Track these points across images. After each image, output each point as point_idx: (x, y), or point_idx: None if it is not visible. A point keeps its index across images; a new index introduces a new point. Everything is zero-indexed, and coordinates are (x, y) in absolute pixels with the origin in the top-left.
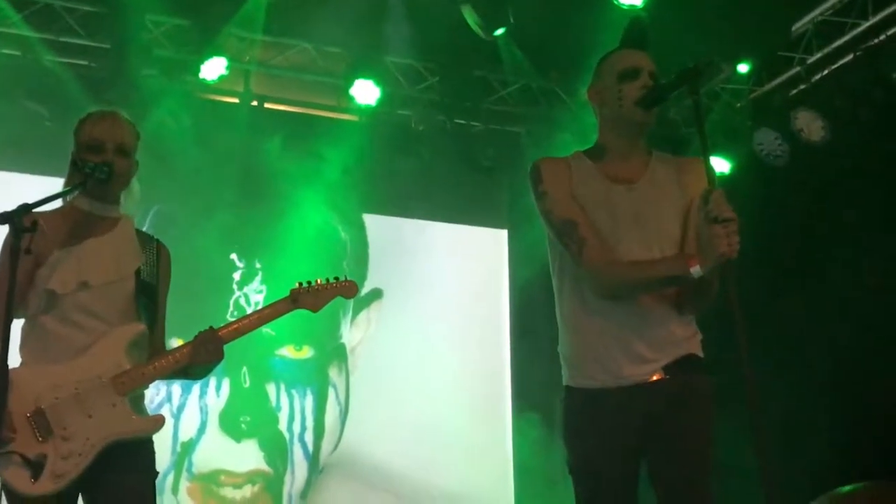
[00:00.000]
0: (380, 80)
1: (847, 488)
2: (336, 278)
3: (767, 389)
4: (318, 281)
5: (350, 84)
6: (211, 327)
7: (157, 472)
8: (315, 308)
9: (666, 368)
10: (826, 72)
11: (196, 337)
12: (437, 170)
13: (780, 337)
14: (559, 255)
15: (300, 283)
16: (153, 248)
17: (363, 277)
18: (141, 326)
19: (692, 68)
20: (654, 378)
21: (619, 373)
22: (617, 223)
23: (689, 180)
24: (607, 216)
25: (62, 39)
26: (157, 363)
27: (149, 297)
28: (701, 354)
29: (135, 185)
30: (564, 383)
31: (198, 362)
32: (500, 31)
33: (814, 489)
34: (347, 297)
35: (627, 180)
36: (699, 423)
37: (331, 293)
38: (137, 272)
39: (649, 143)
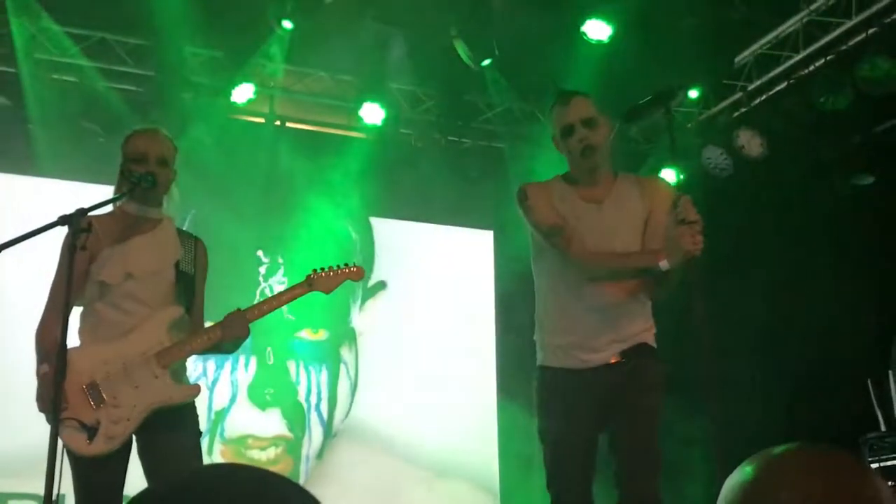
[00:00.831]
0: (385, 104)
1: (780, 448)
2: (346, 264)
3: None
4: (330, 267)
5: (359, 107)
6: (238, 308)
7: (202, 432)
8: (328, 290)
9: (623, 353)
10: (764, 97)
11: (226, 317)
12: (434, 180)
13: (719, 321)
14: (543, 258)
15: (314, 270)
16: (191, 244)
17: (370, 271)
18: (180, 310)
19: (665, 91)
20: (613, 361)
21: (583, 356)
22: (586, 235)
23: (648, 195)
24: (581, 229)
25: (113, 68)
26: (193, 341)
27: (187, 285)
28: (654, 344)
29: (174, 190)
30: (538, 364)
31: (228, 338)
32: (487, 62)
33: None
34: (355, 280)
35: (596, 200)
36: (651, 400)
37: (341, 277)
38: (176, 264)
39: (615, 160)
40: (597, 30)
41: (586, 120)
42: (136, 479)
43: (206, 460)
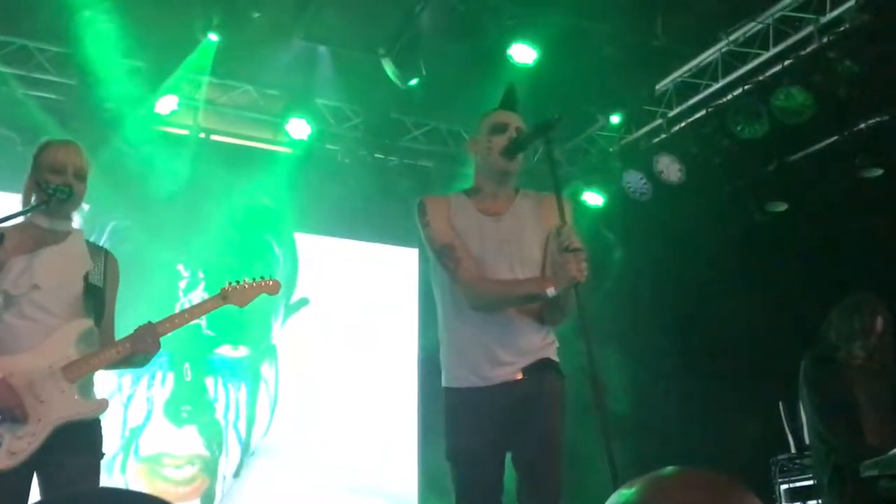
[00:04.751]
0: (311, 119)
1: (664, 470)
2: (262, 277)
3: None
4: (245, 280)
5: (286, 121)
6: (149, 322)
7: (104, 454)
8: (242, 303)
9: (525, 370)
10: (683, 124)
11: (136, 330)
12: (359, 196)
13: (639, 331)
14: (439, 276)
15: (229, 283)
16: (101, 257)
17: (293, 287)
18: (88, 322)
19: (546, 122)
20: (517, 378)
21: (484, 374)
22: (486, 248)
23: (547, 213)
24: (478, 242)
25: (33, 75)
26: (101, 354)
27: (96, 297)
28: (556, 359)
29: (84, 205)
30: (443, 385)
31: (138, 351)
32: (414, 81)
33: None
34: (271, 294)
35: (495, 213)
36: (550, 415)
37: (256, 290)
38: (85, 276)
39: (532, 180)
40: (522, 53)
41: (520, 129)
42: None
43: (120, 479)
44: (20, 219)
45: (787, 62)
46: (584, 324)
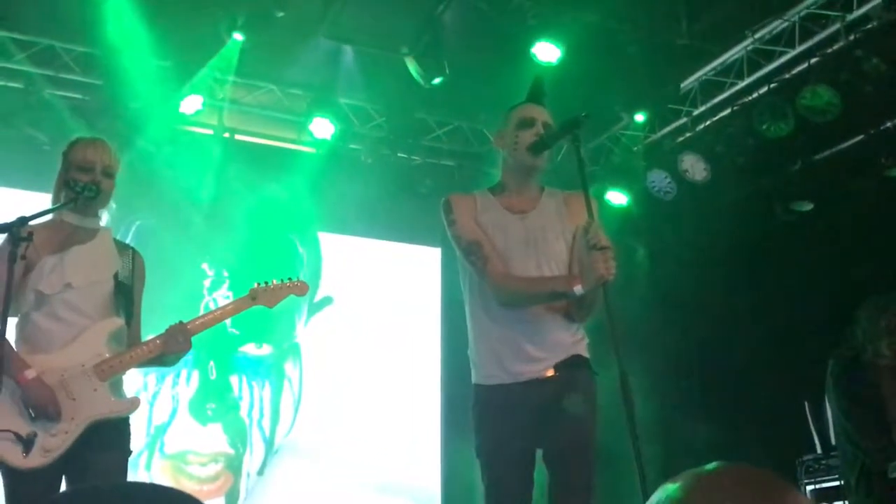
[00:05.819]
0: (335, 119)
1: (708, 466)
2: (290, 278)
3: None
4: (274, 281)
5: (309, 121)
6: (180, 321)
7: (132, 451)
8: (271, 304)
9: (556, 367)
10: (708, 122)
11: (167, 329)
12: (383, 196)
13: (664, 333)
14: (468, 275)
15: (258, 283)
16: (129, 255)
17: (316, 286)
18: (119, 321)
19: (573, 119)
20: (548, 374)
21: (514, 371)
22: (512, 245)
23: (573, 211)
24: (504, 240)
25: (60, 76)
26: (133, 352)
27: (125, 296)
28: (586, 355)
29: (112, 204)
30: (473, 382)
31: (169, 351)
32: (437, 81)
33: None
34: (299, 295)
35: (521, 211)
36: (583, 412)
37: (285, 291)
38: (115, 275)
39: (560, 179)
40: (546, 52)
41: (547, 125)
42: None
43: (145, 476)
44: (49, 217)
45: (813, 60)
46: (611, 322)
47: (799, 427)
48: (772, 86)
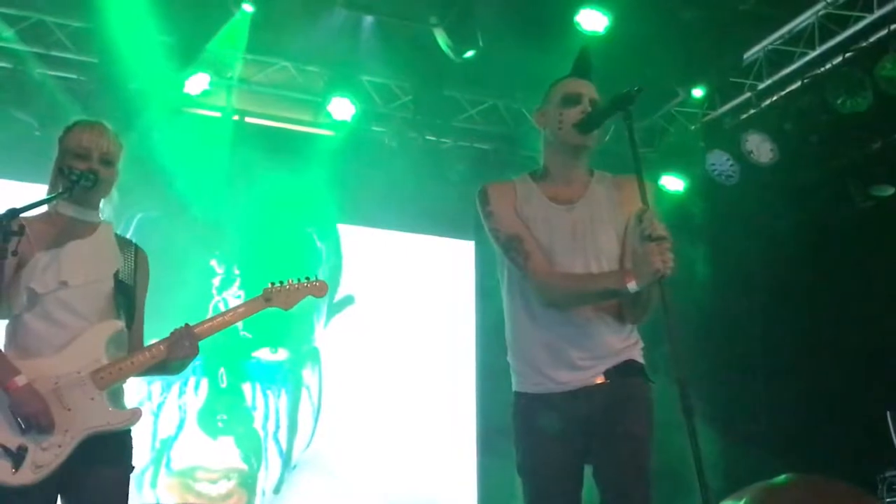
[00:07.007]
0: (356, 98)
1: (778, 479)
2: (307, 278)
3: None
4: (290, 281)
5: (327, 101)
6: (187, 324)
7: (133, 467)
8: (287, 306)
9: (607, 373)
10: (775, 97)
11: (172, 333)
12: (409, 184)
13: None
14: (507, 273)
15: (272, 283)
16: (131, 252)
17: (337, 284)
18: (119, 324)
19: (624, 94)
20: (597, 381)
21: (560, 378)
22: (557, 240)
23: (625, 197)
24: (547, 234)
25: (52, 53)
26: (134, 358)
27: (126, 297)
28: (641, 361)
29: (114, 194)
30: (514, 389)
31: (174, 357)
32: (469, 54)
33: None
34: (318, 296)
35: (567, 200)
36: (637, 424)
37: (302, 293)
38: (116, 274)
39: (604, 161)
40: (592, 20)
41: (594, 102)
42: None
43: (150, 495)
44: (44, 208)
45: (893, 26)
46: (669, 322)
47: (879, 439)
48: (847, 55)
